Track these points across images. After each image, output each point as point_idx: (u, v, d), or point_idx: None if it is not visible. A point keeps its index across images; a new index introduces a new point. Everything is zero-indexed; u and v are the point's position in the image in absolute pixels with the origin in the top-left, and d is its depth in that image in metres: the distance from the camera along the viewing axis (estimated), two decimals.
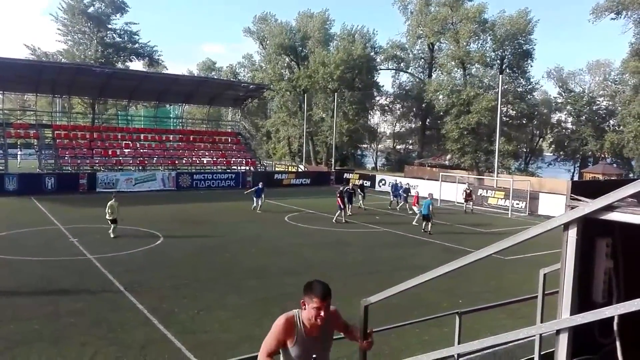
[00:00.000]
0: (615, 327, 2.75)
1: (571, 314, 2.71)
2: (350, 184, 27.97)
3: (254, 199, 24.78)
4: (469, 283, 12.55)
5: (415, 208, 23.77)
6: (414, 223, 22.18)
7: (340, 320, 3.81)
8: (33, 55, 52.49)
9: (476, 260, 3.11)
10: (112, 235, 17.39)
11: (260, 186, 25.17)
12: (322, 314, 3.43)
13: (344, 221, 22.23)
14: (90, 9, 52.26)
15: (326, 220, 22.64)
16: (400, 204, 27.41)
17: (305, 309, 3.51)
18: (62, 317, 9.78)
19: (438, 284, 12.13)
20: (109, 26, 54.38)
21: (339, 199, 22.61)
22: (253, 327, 9.65)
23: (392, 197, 28.62)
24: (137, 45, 56.37)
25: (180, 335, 9.08)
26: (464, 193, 28.34)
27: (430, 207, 20.38)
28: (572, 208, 2.64)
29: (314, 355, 3.48)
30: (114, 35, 55.25)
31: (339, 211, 22.56)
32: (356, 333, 3.85)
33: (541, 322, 4.14)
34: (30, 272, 13.04)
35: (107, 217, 17.47)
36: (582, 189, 2.78)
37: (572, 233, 2.69)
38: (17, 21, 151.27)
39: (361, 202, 26.48)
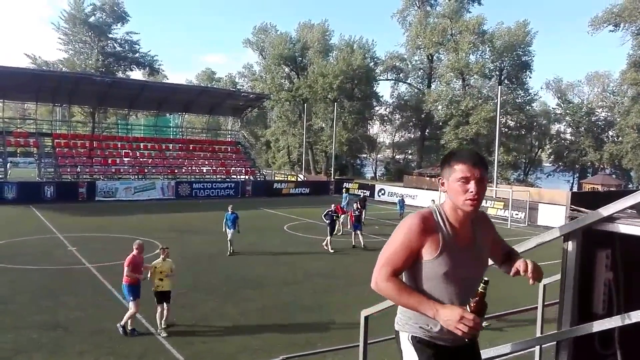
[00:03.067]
0: (615, 338, 2.75)
1: (571, 325, 2.71)
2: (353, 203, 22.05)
3: (227, 230, 17.14)
4: None
5: None
6: None
7: (493, 230, 2.60)
8: (33, 64, 52.72)
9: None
10: None
11: (230, 212, 17.26)
12: (475, 188, 2.22)
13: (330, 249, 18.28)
14: (92, 19, 52.62)
15: (325, 230, 22.58)
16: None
17: (446, 189, 2.32)
18: (61, 326, 9.73)
19: None
20: (110, 35, 54.72)
21: (350, 215, 20.19)
22: (251, 337, 9.62)
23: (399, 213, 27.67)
24: (137, 54, 56.69)
25: (178, 345, 9.04)
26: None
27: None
28: (572, 219, 2.65)
29: (464, 275, 2.28)
30: (115, 44, 55.57)
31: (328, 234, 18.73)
32: (515, 258, 2.50)
33: (541, 333, 4.14)
34: (29, 280, 12.99)
35: None
36: (581, 200, 2.79)
37: (572, 244, 2.70)
38: (18, 30, 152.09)
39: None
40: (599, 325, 2.61)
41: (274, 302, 11.82)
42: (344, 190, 30.13)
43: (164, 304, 9.59)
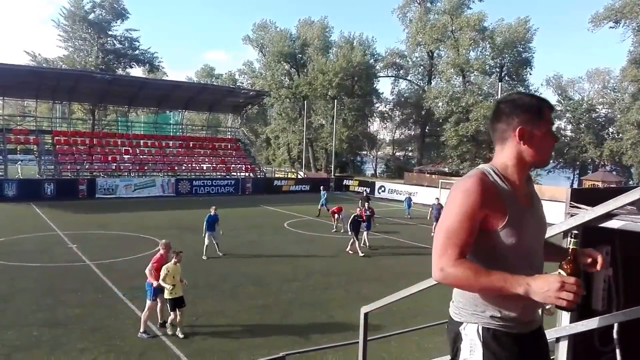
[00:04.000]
0: (615, 335, 2.75)
1: (571, 322, 2.71)
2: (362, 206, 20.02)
3: (205, 236, 16.13)
4: None
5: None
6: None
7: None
8: (33, 61, 52.62)
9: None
10: None
11: (212, 214, 16.42)
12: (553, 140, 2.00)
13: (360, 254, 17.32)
14: (91, 16, 52.46)
15: (325, 227, 22.61)
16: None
17: (526, 142, 1.95)
18: (61, 324, 9.75)
19: (437, 290, 12.09)
20: (110, 33, 54.56)
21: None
22: (251, 335, 9.64)
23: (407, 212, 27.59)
24: (137, 51, 56.54)
25: (179, 343, 9.06)
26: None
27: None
28: (572, 216, 2.65)
29: (532, 242, 2.01)
30: (115, 41, 55.43)
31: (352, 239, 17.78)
32: (558, 245, 2.28)
33: None
34: (29, 278, 13.01)
35: None
36: (581, 196, 2.78)
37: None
38: (18, 28, 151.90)
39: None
40: (598, 322, 2.61)
41: (274, 300, 11.84)
42: (321, 188, 29.92)
43: (177, 310, 9.21)
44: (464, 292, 2.00)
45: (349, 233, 17.59)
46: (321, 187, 30.33)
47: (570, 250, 1.86)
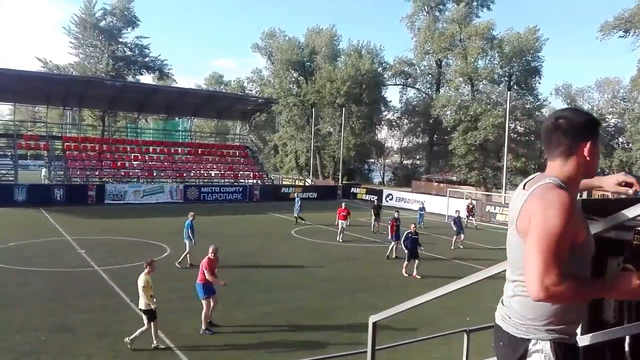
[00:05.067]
0: (626, 348, 2.72)
1: (581, 334, 2.69)
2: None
3: (186, 242, 15.82)
4: (476, 300, 12.41)
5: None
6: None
7: None
8: (45, 68, 53.21)
9: (485, 278, 3.09)
10: None
11: (190, 219, 16.25)
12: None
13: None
14: (102, 23, 53.07)
15: (333, 235, 22.58)
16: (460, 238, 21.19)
17: (588, 156, 2.02)
18: (69, 328, 9.79)
19: (445, 300, 12.02)
20: (120, 40, 55.14)
21: (390, 226, 18.69)
22: (259, 342, 9.62)
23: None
24: (147, 58, 57.05)
25: (185, 349, 9.06)
26: (467, 207, 27.78)
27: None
28: None
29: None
30: (125, 48, 56.00)
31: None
32: None
33: None
34: (38, 282, 13.08)
35: None
36: (592, 207, 2.77)
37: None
38: (30, 34, 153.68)
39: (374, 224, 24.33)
40: (609, 334, 2.59)
41: (281, 307, 11.81)
42: (296, 194, 29.35)
43: (152, 322, 9.05)
44: (530, 308, 2.00)
45: (404, 251, 15.90)
46: (296, 194, 29.45)
47: (633, 245, 1.94)
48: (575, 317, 2.03)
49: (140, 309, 9.20)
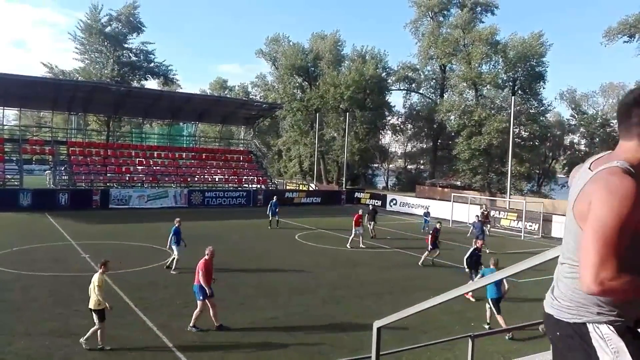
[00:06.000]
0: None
1: None
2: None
3: (173, 247, 15.80)
4: (481, 306, 12.36)
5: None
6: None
7: None
8: (50, 73, 53.52)
9: (489, 284, 3.07)
10: None
11: (176, 226, 16.28)
12: None
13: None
14: (108, 29, 53.34)
15: (336, 240, 22.55)
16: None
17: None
18: (72, 333, 9.77)
19: (450, 306, 11.99)
20: (126, 45, 55.38)
21: (429, 237, 18.31)
22: (261, 347, 9.59)
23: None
24: (152, 64, 57.28)
25: (189, 354, 9.04)
26: (482, 215, 25.10)
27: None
28: None
29: None
30: (130, 54, 56.24)
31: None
32: None
33: None
34: (42, 287, 13.10)
35: None
36: None
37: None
38: (35, 39, 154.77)
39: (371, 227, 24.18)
40: None
41: (284, 312, 11.79)
42: (274, 197, 28.36)
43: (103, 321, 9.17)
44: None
45: (465, 269, 14.52)
46: (274, 196, 28.89)
47: None
48: (633, 298, 1.83)
49: (90, 308, 9.27)
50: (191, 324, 10.25)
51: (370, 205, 28.99)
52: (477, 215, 22.77)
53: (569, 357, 1.96)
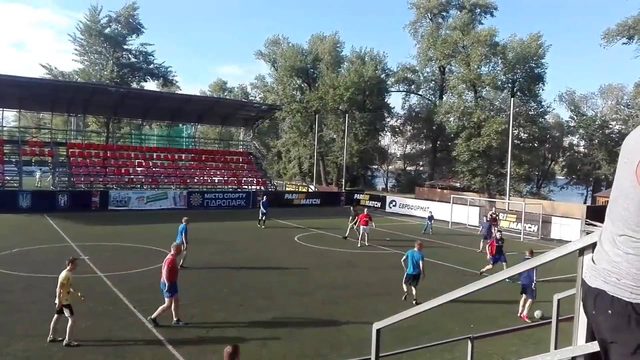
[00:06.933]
0: None
1: (587, 341, 2.67)
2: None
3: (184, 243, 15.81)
4: (480, 307, 12.37)
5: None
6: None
7: None
8: (49, 74, 53.50)
9: (489, 285, 3.08)
10: None
11: (184, 224, 16.43)
12: None
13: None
14: (107, 30, 53.35)
15: (336, 241, 22.55)
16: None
17: None
18: None
19: (449, 307, 11.99)
20: (125, 47, 55.40)
21: (489, 247, 17.03)
22: (261, 348, 9.59)
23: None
24: (152, 65, 57.28)
25: (188, 355, 9.04)
26: (490, 217, 24.07)
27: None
28: (588, 233, 2.62)
29: None
30: (130, 55, 56.25)
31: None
32: None
33: (555, 348, 4.07)
34: (42, 288, 13.07)
35: None
36: (597, 214, 2.76)
37: (588, 258, 2.67)
38: (34, 41, 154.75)
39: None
40: None
41: (283, 313, 11.79)
42: (263, 198, 28.01)
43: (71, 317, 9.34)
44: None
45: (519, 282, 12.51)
46: (264, 196, 28.68)
47: None
48: None
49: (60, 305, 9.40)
50: (153, 315, 10.46)
51: (355, 203, 28.36)
52: (486, 216, 22.99)
53: (620, 339, 1.77)
